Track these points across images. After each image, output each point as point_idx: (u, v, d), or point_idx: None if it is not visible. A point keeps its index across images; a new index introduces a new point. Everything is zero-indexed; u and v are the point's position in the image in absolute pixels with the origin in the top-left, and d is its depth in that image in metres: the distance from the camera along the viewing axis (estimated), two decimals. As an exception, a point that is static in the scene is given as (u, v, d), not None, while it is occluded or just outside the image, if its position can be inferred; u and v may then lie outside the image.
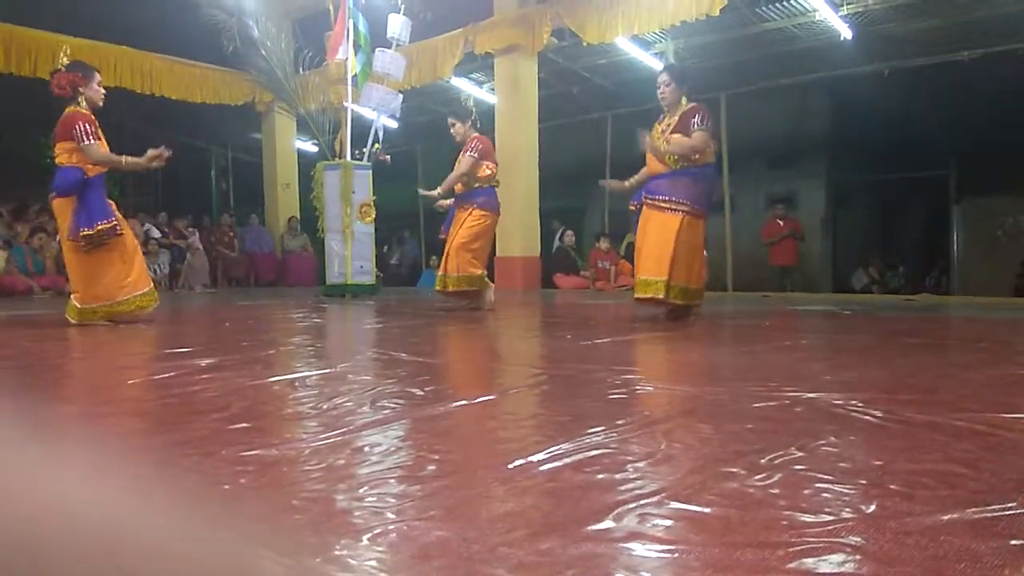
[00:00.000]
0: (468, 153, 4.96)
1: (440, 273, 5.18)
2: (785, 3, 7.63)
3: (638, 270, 4.13)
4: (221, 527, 0.97)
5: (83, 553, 0.87)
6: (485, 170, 5.03)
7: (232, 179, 14.28)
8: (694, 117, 3.96)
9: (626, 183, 4.43)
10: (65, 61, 4.15)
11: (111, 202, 4.15)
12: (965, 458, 1.24)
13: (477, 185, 5.03)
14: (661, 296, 3.93)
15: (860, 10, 7.51)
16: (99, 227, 3.95)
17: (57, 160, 4.02)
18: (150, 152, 4.12)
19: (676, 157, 3.97)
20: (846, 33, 7.96)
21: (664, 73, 4.16)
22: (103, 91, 4.20)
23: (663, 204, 3.99)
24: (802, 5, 7.61)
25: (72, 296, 4.14)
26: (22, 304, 6.68)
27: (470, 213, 5.03)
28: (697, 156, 3.96)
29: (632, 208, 4.27)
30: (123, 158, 4.09)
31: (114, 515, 1.01)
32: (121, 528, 0.95)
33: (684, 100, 4.09)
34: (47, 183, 4.18)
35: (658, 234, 3.98)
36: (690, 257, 3.98)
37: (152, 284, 4.35)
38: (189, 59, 10.14)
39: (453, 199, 5.22)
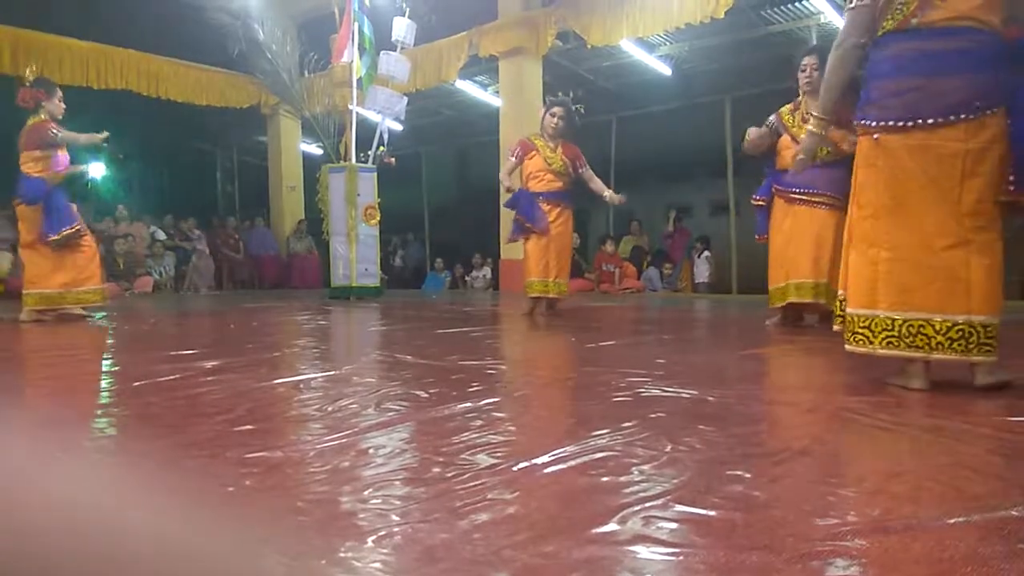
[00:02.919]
0: (586, 168, 4.76)
1: (561, 280, 4.72)
2: (790, 6, 7.63)
3: (779, 273, 3.75)
4: (226, 529, 0.98)
5: (88, 555, 0.87)
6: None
7: (238, 181, 14.33)
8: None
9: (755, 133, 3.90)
10: (31, 78, 4.56)
11: (72, 205, 4.60)
12: (971, 462, 1.24)
13: (571, 186, 4.79)
14: (822, 301, 3.54)
15: (865, 12, 7.49)
16: (64, 232, 4.44)
17: (23, 168, 4.44)
18: (93, 136, 4.56)
19: (828, 148, 3.54)
20: (851, 35, 7.94)
21: (812, 55, 3.69)
22: (63, 106, 4.61)
23: (816, 198, 3.60)
24: (807, 8, 7.60)
25: (26, 293, 4.54)
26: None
27: (570, 215, 4.78)
28: (850, 148, 3.56)
29: (757, 203, 3.94)
30: (77, 136, 4.53)
31: (118, 517, 1.01)
32: (126, 530, 0.95)
33: None
34: None
35: (813, 232, 3.59)
36: (840, 259, 3.66)
37: (102, 284, 4.82)
38: (195, 62, 10.18)
39: (544, 193, 4.70)
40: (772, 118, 3.83)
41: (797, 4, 7.58)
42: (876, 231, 1.94)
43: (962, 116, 1.78)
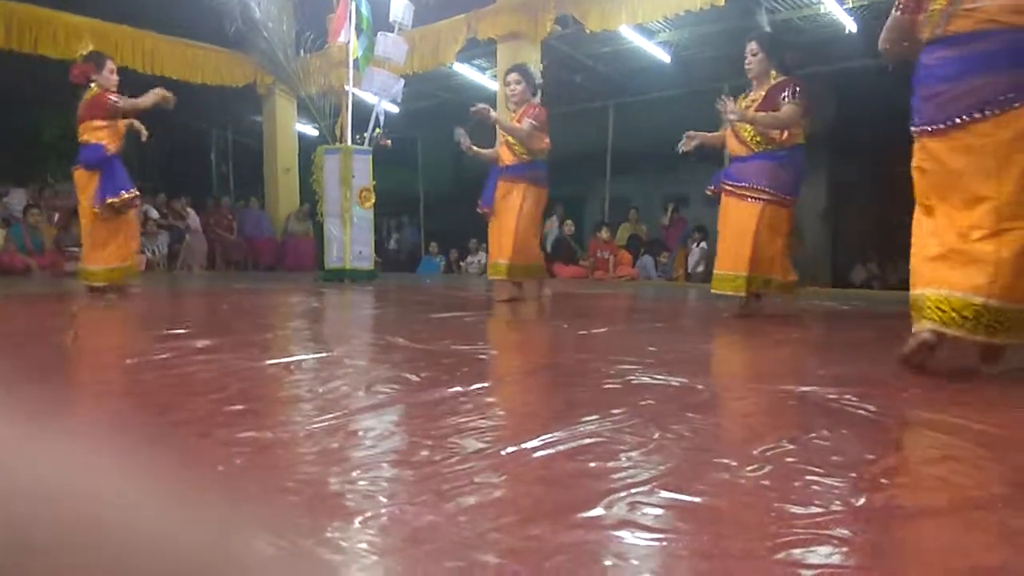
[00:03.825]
0: (528, 119, 4.39)
1: (500, 261, 4.57)
2: (790, -6, 7.60)
3: (716, 263, 3.82)
4: (215, 508, 0.98)
5: (74, 532, 0.87)
6: (543, 143, 4.51)
7: (232, 162, 14.22)
8: (784, 91, 3.52)
9: (699, 134, 4.02)
10: (83, 53, 4.73)
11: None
12: (957, 453, 1.25)
13: (529, 158, 4.51)
14: (742, 293, 3.64)
15: (866, 3, 7.48)
16: (123, 196, 4.51)
17: (82, 138, 4.52)
18: (158, 92, 4.54)
19: (759, 138, 3.61)
20: (851, 26, 7.93)
21: (752, 41, 3.67)
22: (116, 77, 4.64)
23: (743, 191, 3.65)
24: (808, -3, 7.57)
25: (84, 263, 4.71)
26: (21, 283, 6.67)
27: (525, 190, 4.49)
28: (782, 136, 3.58)
29: (709, 193, 3.96)
30: (140, 100, 4.55)
31: (107, 495, 1.01)
32: (113, 508, 0.95)
33: (774, 73, 3.65)
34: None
35: (737, 225, 3.66)
36: (772, 248, 3.63)
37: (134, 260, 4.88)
38: (191, 39, 10.06)
39: (501, 169, 4.62)
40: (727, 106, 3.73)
41: (797, -8, 7.55)
42: (920, 228, 2.09)
43: (987, 112, 1.87)
